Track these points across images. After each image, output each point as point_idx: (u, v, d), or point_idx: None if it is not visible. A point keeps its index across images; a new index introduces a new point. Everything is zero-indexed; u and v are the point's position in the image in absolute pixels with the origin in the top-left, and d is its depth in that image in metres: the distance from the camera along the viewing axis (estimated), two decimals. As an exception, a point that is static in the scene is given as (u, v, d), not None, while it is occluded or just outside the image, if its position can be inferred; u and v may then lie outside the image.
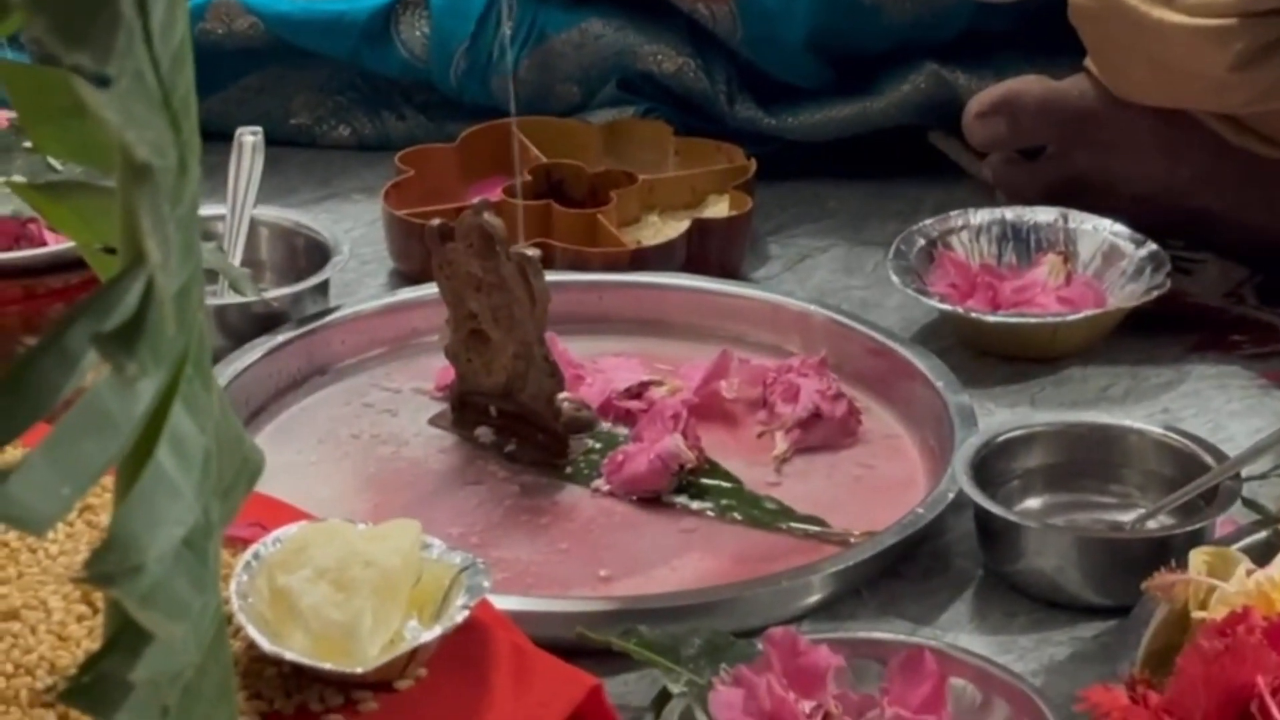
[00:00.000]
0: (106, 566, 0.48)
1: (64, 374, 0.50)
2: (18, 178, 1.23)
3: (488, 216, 1.23)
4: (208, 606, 0.54)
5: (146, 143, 0.52)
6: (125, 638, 0.50)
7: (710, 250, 1.49)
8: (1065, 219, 1.48)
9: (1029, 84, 1.54)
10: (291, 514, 1.05)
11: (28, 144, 1.01)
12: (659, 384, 1.31)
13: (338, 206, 1.62)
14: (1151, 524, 1.16)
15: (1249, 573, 1.00)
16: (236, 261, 1.40)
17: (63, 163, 0.98)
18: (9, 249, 1.23)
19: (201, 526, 0.54)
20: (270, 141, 1.49)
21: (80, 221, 0.67)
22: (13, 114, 1.04)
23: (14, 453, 0.87)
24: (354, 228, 1.56)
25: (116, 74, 0.53)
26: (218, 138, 1.46)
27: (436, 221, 1.27)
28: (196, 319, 0.55)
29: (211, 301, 1.33)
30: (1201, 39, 1.39)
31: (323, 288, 1.40)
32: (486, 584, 0.95)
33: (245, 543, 0.97)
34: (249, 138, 1.44)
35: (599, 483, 1.23)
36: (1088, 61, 1.50)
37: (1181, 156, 1.50)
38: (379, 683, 0.92)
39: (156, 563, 0.51)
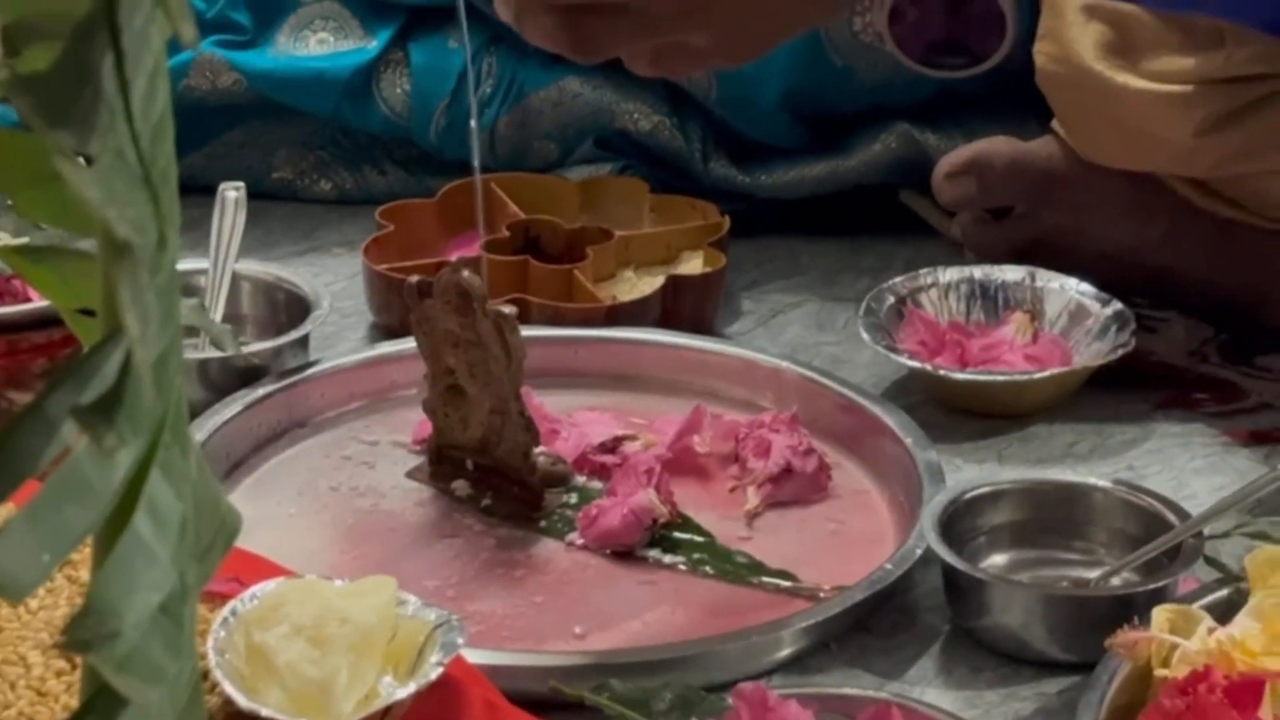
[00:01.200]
0: (83, 633, 0.48)
1: (44, 442, 0.50)
2: (2, 234, 1.24)
3: (466, 274, 1.23)
4: (183, 671, 0.54)
5: (126, 220, 0.53)
6: (101, 702, 0.50)
7: (684, 306, 1.49)
8: (1033, 277, 1.49)
9: (998, 145, 1.55)
10: (269, 569, 1.05)
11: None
12: (633, 438, 1.31)
13: (319, 260, 1.63)
14: (1115, 581, 1.16)
15: (1210, 631, 1.00)
16: (218, 315, 1.40)
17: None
18: None
19: (177, 592, 0.54)
20: (253, 195, 1.48)
21: (60, 284, 0.67)
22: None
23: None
24: (335, 281, 1.56)
25: (98, 152, 0.53)
26: (201, 192, 1.47)
27: (415, 278, 1.26)
28: (175, 385, 0.55)
29: (193, 355, 1.32)
30: (1165, 105, 1.40)
31: (303, 341, 1.39)
32: (460, 640, 0.95)
33: (223, 598, 0.96)
34: (231, 193, 1.44)
35: (573, 536, 1.23)
36: (1055, 124, 1.51)
37: (1148, 218, 1.51)
38: (354, 738, 0.92)
39: (133, 629, 0.51)
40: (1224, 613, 1.03)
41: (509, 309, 1.23)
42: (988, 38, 1.15)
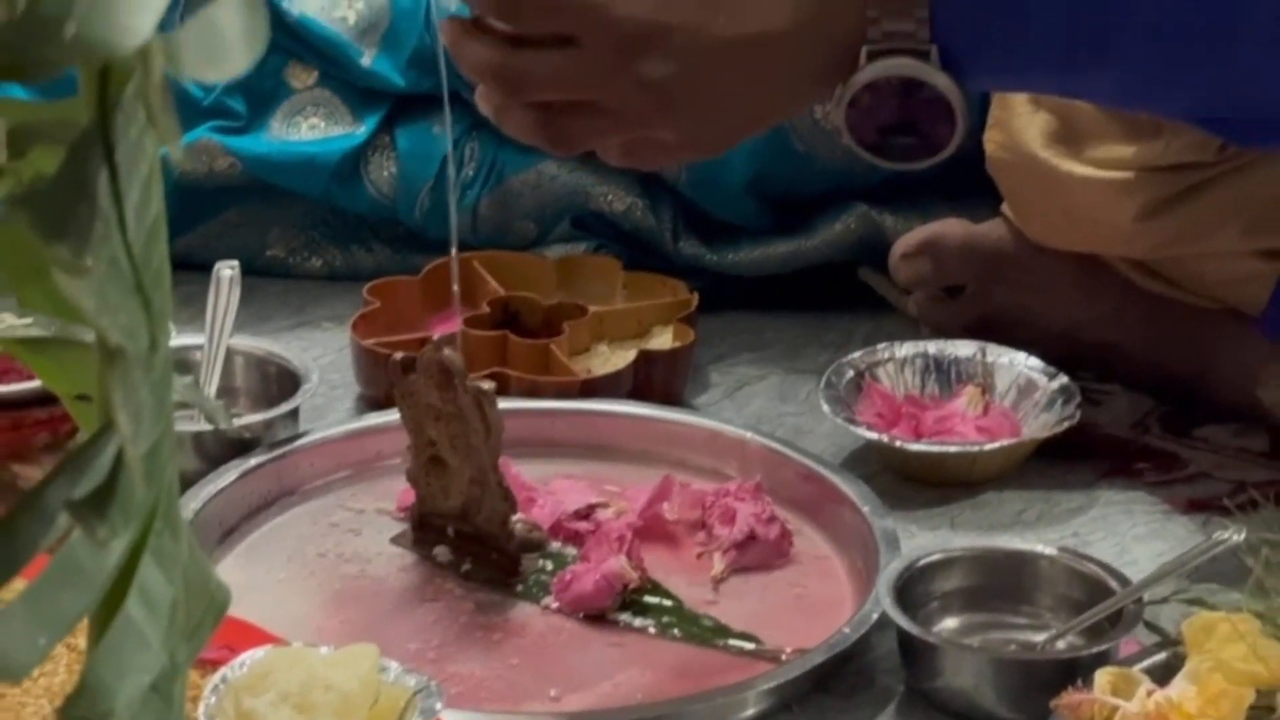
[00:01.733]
0: (78, 711, 0.49)
1: (43, 530, 0.51)
2: (7, 316, 1.24)
3: (447, 352, 1.23)
4: (173, 743, 0.54)
5: (119, 328, 0.53)
6: (95, 774, 0.50)
7: (655, 379, 1.49)
8: (984, 353, 1.49)
9: (951, 227, 1.56)
10: (259, 637, 1.05)
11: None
12: (606, 506, 1.31)
13: (309, 334, 1.63)
14: (1060, 645, 1.16)
15: (1149, 693, 1.01)
16: (213, 388, 1.40)
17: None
18: None
19: (168, 670, 0.54)
20: (247, 271, 1.48)
21: (60, 371, 0.67)
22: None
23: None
24: (324, 355, 1.56)
25: (92, 264, 0.53)
26: (197, 268, 1.47)
27: (399, 355, 1.27)
28: (166, 474, 0.55)
29: (188, 428, 1.32)
30: (1107, 191, 1.40)
31: (293, 414, 1.40)
32: (439, 705, 0.96)
33: (214, 665, 0.97)
34: (226, 272, 1.44)
35: (549, 600, 1.23)
36: (1004, 208, 1.52)
37: (1092, 297, 1.51)
38: (337, 801, 0.92)
39: (125, 708, 0.51)
40: (1162, 675, 1.04)
41: (488, 385, 1.23)
42: (938, 125, 1.15)
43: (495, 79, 1.17)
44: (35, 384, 1.25)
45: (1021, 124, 1.42)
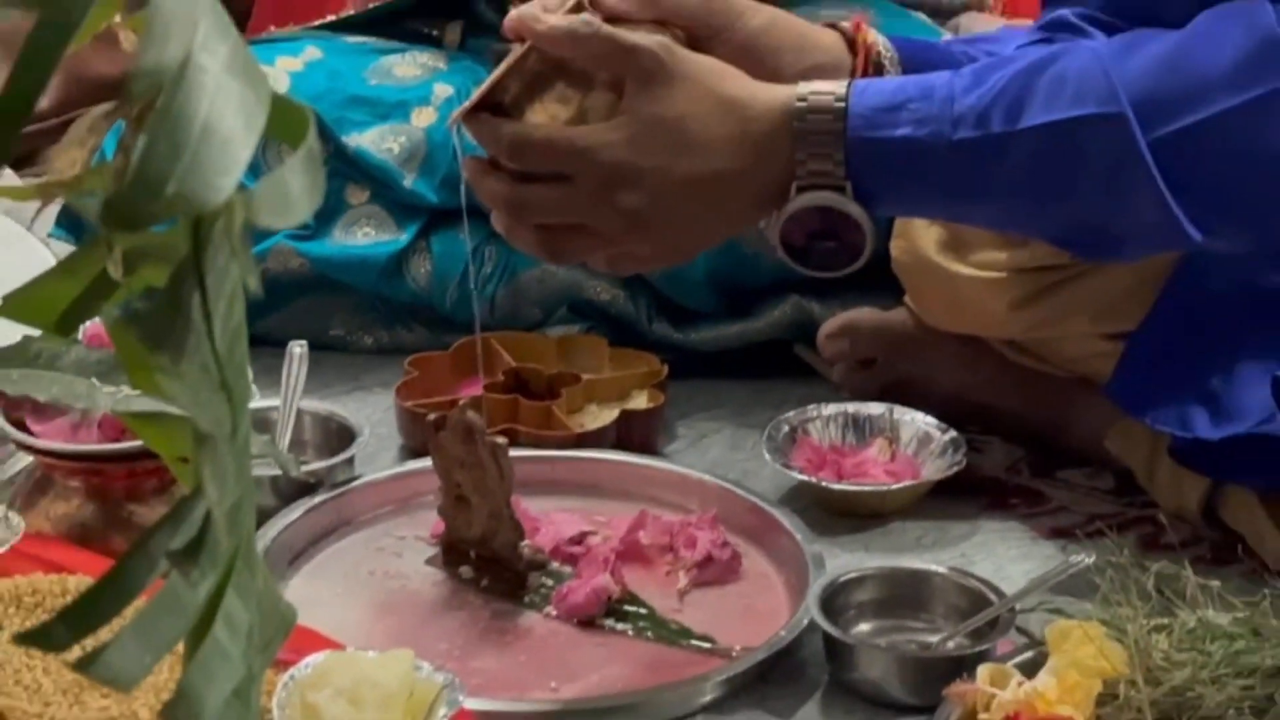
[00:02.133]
0: (177, 714, 0.49)
1: (148, 572, 0.51)
2: (125, 389, 1.24)
3: (470, 414, 1.23)
4: (252, 735, 0.54)
5: (207, 418, 0.53)
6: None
7: (634, 433, 1.49)
8: (891, 412, 1.49)
9: (864, 313, 1.56)
10: (320, 643, 1.05)
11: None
12: (594, 534, 1.31)
13: (363, 397, 1.62)
14: (950, 645, 1.16)
15: (1019, 684, 1.01)
16: (286, 440, 1.40)
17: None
18: (117, 439, 1.23)
19: (246, 679, 0.54)
20: (314, 348, 1.48)
21: (163, 439, 0.67)
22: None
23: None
24: (374, 414, 1.55)
25: (187, 369, 0.54)
26: (275, 345, 1.46)
27: (433, 415, 1.27)
28: (245, 524, 0.56)
29: (265, 473, 1.31)
30: (986, 287, 1.40)
31: (349, 461, 1.39)
32: (462, 698, 0.96)
33: (285, 665, 0.97)
34: (297, 349, 1.44)
35: (549, 609, 1.23)
36: (906, 299, 1.52)
37: (975, 368, 1.51)
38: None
39: (213, 712, 0.51)
40: (1030, 670, 1.04)
41: (501, 440, 1.23)
42: (854, 236, 1.16)
43: (506, 207, 1.17)
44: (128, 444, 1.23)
45: (919, 234, 1.42)
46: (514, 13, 1.19)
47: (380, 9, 1.88)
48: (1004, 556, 1.35)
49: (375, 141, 1.72)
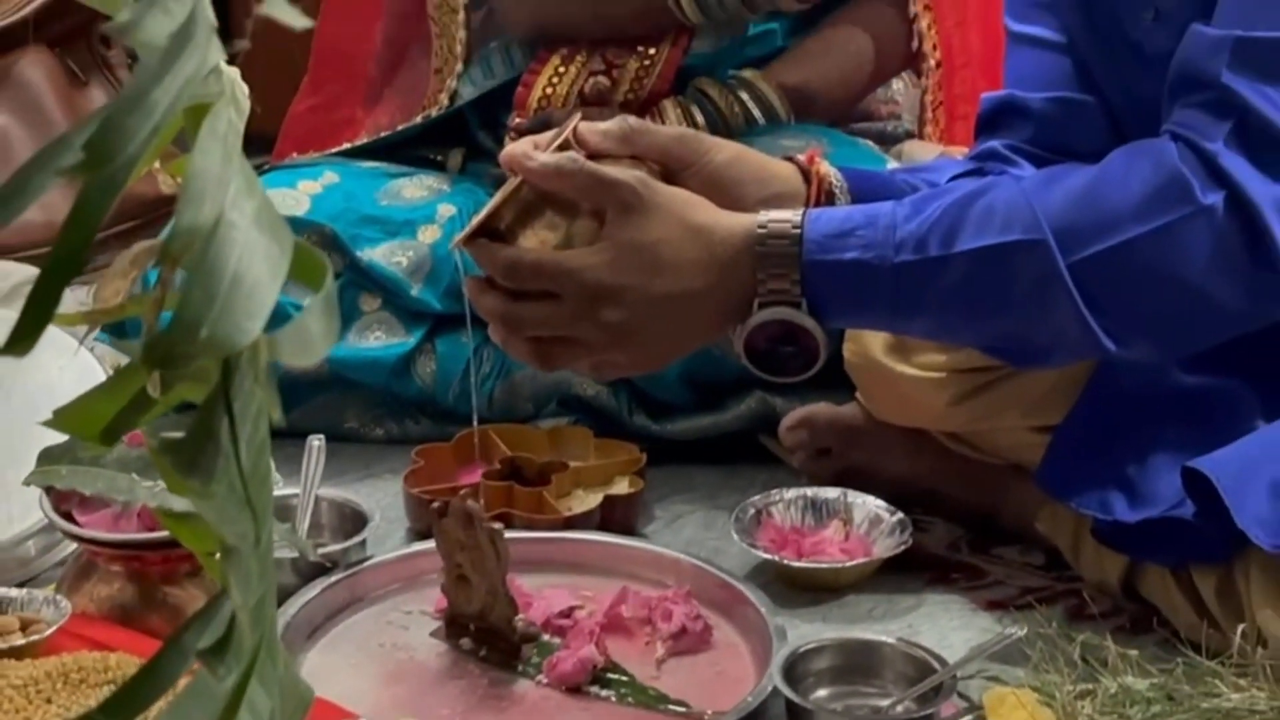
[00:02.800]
0: (204, 794, 0.49)
1: (180, 665, 0.51)
2: (162, 484, 1.23)
3: (469, 503, 1.23)
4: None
5: (233, 533, 0.53)
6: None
7: (616, 515, 1.49)
8: (845, 495, 1.48)
9: (821, 408, 1.56)
10: (335, 713, 1.05)
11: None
12: (581, 608, 1.30)
13: (374, 484, 1.61)
14: (899, 709, 1.16)
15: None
16: (305, 524, 1.39)
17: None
18: (154, 529, 1.22)
19: (268, 758, 0.54)
20: (330, 439, 1.47)
21: (196, 538, 0.67)
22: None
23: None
24: (384, 499, 1.54)
25: (215, 489, 0.54)
26: (296, 437, 1.45)
27: (436, 503, 1.26)
28: (267, 619, 0.56)
29: (287, 555, 1.31)
30: (927, 386, 1.41)
31: (362, 544, 1.38)
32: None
33: (304, 734, 0.96)
34: (315, 442, 1.43)
35: (541, 677, 1.22)
36: (858, 395, 1.52)
37: (919, 457, 1.51)
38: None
39: (237, 791, 0.51)
40: (969, 732, 1.04)
41: (498, 525, 1.23)
42: (809, 343, 1.17)
43: (501, 321, 1.18)
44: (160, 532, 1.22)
45: (868, 338, 1.42)
46: (508, 149, 1.20)
47: (390, 137, 1.89)
48: (947, 627, 1.34)
49: (385, 255, 1.72)
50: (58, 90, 2.29)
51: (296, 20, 0.52)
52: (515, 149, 1.18)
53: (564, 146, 1.18)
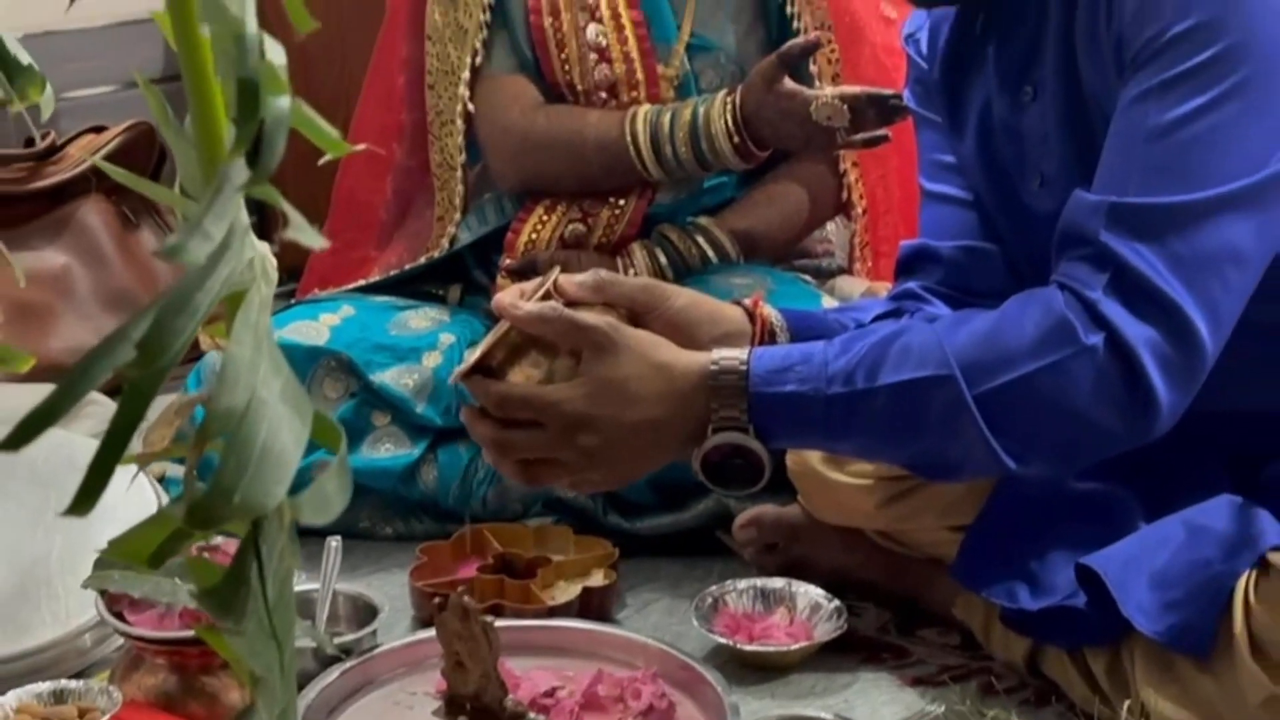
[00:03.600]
0: None
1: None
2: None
3: (465, 599, 1.23)
4: None
5: (260, 665, 0.54)
6: None
7: (593, 604, 1.48)
8: (790, 585, 1.48)
9: (768, 509, 1.56)
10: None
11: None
12: (562, 689, 1.28)
13: (384, 577, 1.60)
14: (836, 777, 1.16)
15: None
16: (324, 616, 1.38)
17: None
18: (189, 627, 1.21)
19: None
20: (345, 536, 1.47)
21: (231, 653, 0.67)
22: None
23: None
24: (393, 589, 1.53)
25: (246, 627, 0.55)
26: (316, 536, 1.43)
27: (437, 599, 1.26)
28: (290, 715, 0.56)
29: (308, 644, 1.30)
30: (859, 491, 1.41)
31: (373, 633, 1.38)
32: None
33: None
34: (333, 543, 1.43)
35: (528, 750, 1.22)
36: (800, 499, 1.52)
37: (853, 551, 1.51)
38: None
39: None
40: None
41: (489, 618, 1.22)
42: (757, 458, 1.17)
43: (493, 446, 1.18)
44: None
45: (807, 451, 1.42)
46: (498, 297, 1.21)
47: (398, 275, 1.90)
48: (877, 701, 1.34)
49: (394, 378, 1.72)
50: (113, 232, 2.30)
51: (316, 241, 0.53)
52: (504, 298, 1.19)
53: (546, 296, 1.19)
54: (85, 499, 0.53)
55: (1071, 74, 1.20)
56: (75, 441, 1.46)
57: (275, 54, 0.57)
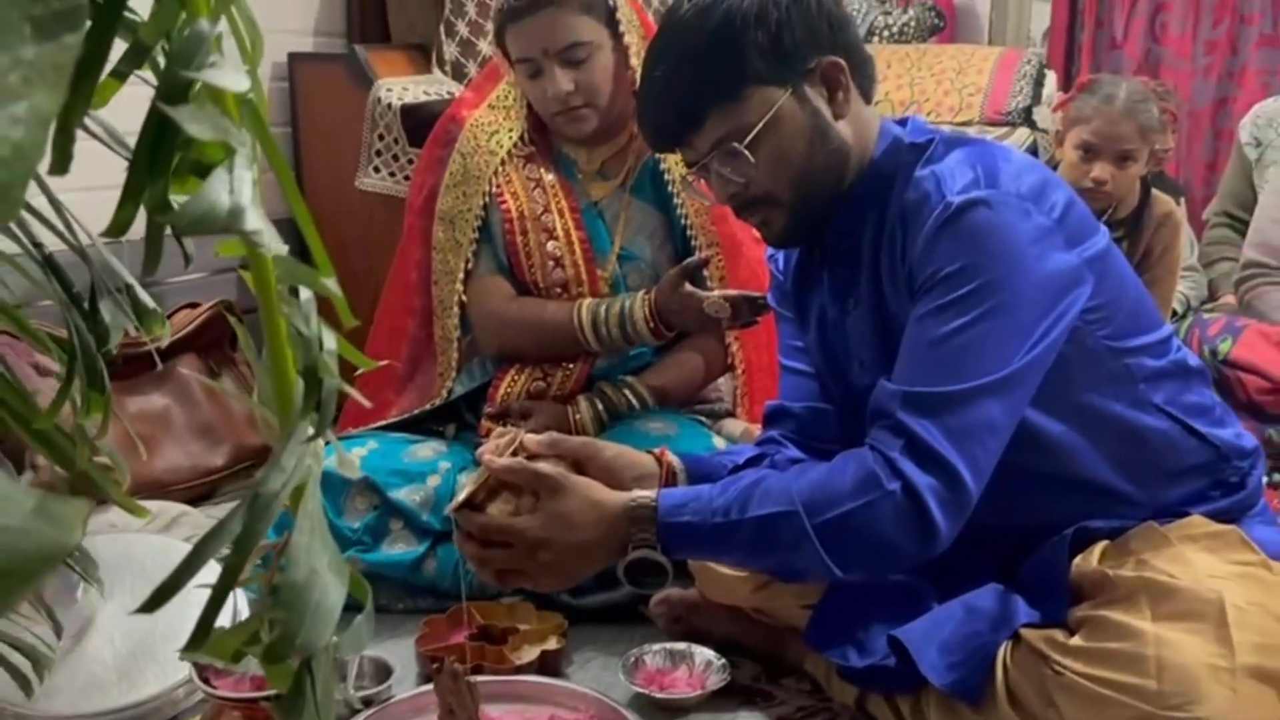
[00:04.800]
0: None
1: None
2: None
3: (454, 664, 1.22)
4: None
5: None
6: None
7: (548, 664, 1.48)
8: (690, 647, 1.48)
9: (675, 591, 1.55)
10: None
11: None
12: (526, 728, 1.30)
13: (398, 643, 1.58)
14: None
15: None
16: (353, 675, 1.38)
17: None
18: (262, 688, 1.20)
19: None
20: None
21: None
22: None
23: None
24: (404, 653, 1.52)
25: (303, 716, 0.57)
26: (346, 611, 1.45)
27: (435, 664, 1.26)
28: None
29: (340, 697, 1.30)
30: (739, 580, 1.42)
31: (389, 687, 1.37)
32: None
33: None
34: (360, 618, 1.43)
35: (499, 776, 1.22)
36: (697, 584, 1.53)
37: (735, 622, 1.52)
38: None
39: None
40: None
41: (473, 677, 1.22)
42: (662, 566, 1.19)
43: (476, 561, 1.19)
44: (265, 693, 1.20)
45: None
46: (480, 450, 1.23)
47: (410, 417, 1.90)
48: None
49: (407, 495, 1.72)
50: (200, 383, 2.32)
51: (365, 402, 0.58)
52: (484, 451, 1.21)
53: (515, 451, 1.22)
54: (199, 637, 0.56)
55: (879, 294, 1.25)
56: (172, 546, 1.47)
57: (329, 341, 0.62)
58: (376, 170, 2.49)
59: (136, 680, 1.33)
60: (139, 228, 0.57)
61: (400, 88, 2.49)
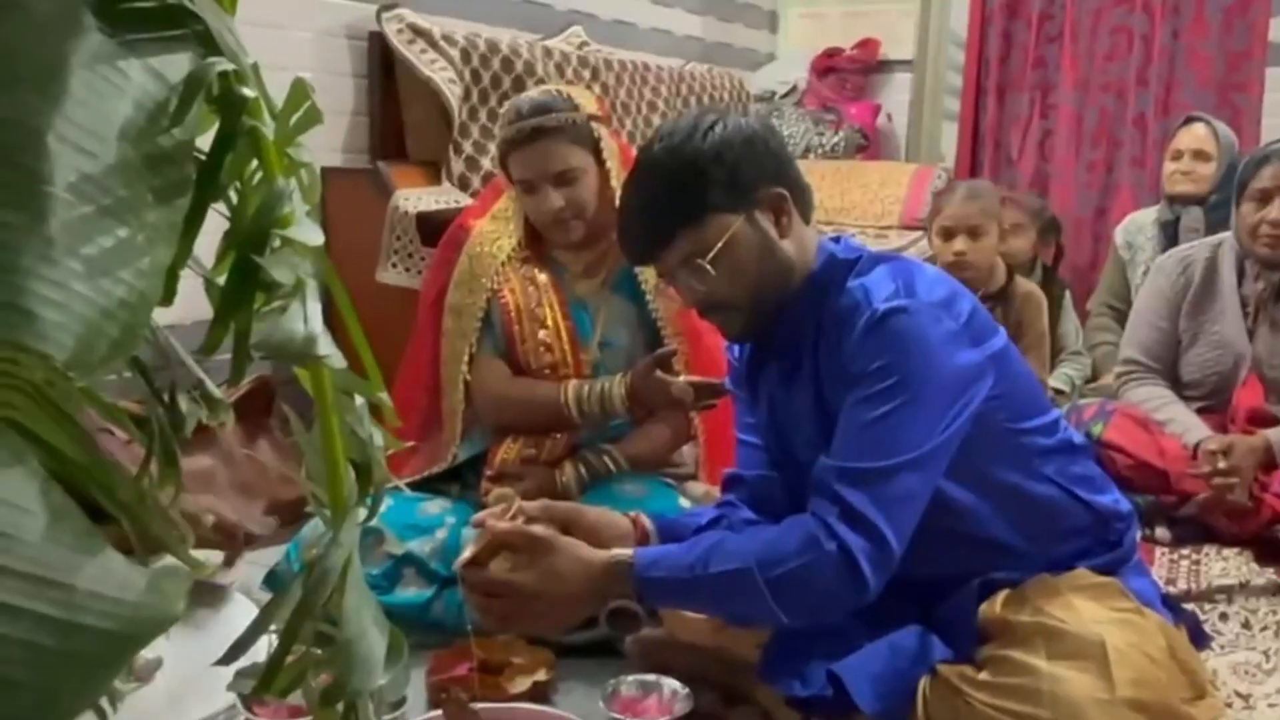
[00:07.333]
0: None
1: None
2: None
3: (458, 693, 1.23)
4: None
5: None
6: None
7: (539, 693, 1.47)
8: (659, 679, 1.43)
9: (647, 631, 1.53)
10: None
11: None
12: (519, 749, 1.29)
13: (411, 673, 1.52)
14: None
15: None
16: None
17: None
18: (299, 714, 1.18)
19: None
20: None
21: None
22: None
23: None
24: (416, 683, 1.49)
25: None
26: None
27: (442, 694, 1.26)
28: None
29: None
30: (702, 621, 1.40)
31: (403, 715, 1.35)
32: None
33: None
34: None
35: (498, 792, 1.21)
36: (665, 623, 1.50)
37: (699, 658, 1.49)
38: None
39: None
40: None
41: (474, 705, 1.22)
42: (637, 614, 1.20)
43: (480, 609, 1.20)
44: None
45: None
46: (480, 516, 1.24)
47: (420, 478, 1.89)
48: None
49: (418, 546, 1.71)
50: (241, 445, 2.32)
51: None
52: (485, 516, 1.22)
53: (514, 517, 1.24)
54: (231, 655, 0.57)
55: (818, 383, 1.28)
56: (218, 590, 1.46)
57: (376, 439, 0.65)
58: (394, 266, 2.53)
59: (188, 707, 1.32)
60: (179, 311, 0.60)
61: (415, 197, 2.55)
